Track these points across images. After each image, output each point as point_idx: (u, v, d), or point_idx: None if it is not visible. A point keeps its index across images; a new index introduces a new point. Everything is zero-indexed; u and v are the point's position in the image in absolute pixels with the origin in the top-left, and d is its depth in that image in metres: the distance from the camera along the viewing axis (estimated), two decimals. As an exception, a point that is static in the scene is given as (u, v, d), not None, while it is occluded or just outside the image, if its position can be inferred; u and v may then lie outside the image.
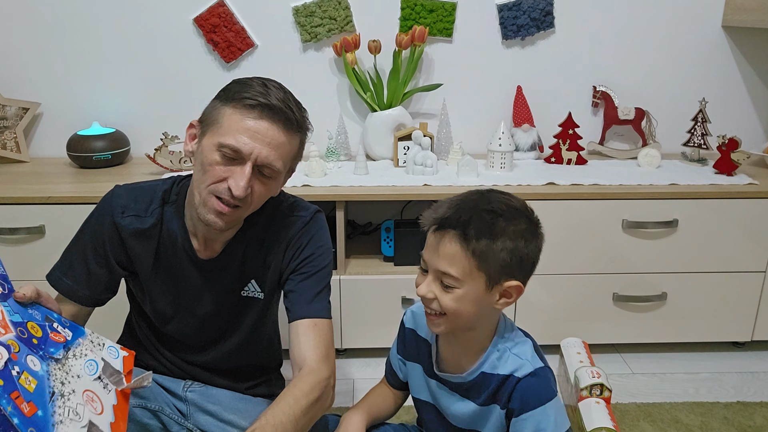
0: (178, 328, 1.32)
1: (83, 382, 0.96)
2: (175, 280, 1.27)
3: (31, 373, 0.87)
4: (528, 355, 1.11)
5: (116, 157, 2.08)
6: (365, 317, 1.93)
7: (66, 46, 2.14)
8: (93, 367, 0.99)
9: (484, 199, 1.07)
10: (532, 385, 1.08)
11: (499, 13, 2.18)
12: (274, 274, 1.28)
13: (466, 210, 1.04)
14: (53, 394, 0.88)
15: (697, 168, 2.09)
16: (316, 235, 1.27)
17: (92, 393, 0.96)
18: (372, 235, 2.25)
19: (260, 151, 1.10)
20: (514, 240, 1.03)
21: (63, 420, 0.87)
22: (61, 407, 0.88)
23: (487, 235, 1.02)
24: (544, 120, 2.22)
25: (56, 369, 0.92)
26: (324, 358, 1.18)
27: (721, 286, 1.96)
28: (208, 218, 1.15)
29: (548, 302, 1.96)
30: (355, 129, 2.27)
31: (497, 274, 1.04)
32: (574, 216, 1.88)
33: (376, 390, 1.33)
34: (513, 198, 1.09)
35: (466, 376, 1.14)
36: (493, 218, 1.03)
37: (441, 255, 1.04)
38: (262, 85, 1.12)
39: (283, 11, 2.14)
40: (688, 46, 2.24)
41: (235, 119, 1.11)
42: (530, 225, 1.06)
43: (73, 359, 0.97)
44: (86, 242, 1.25)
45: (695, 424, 1.71)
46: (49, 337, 0.96)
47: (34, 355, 0.90)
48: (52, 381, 0.90)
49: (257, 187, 1.14)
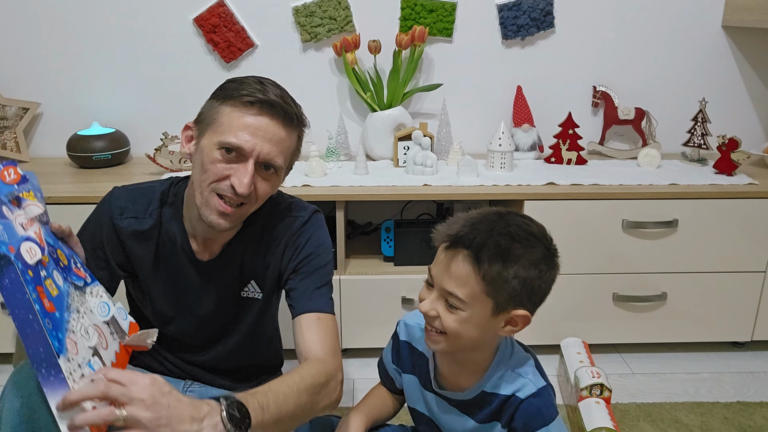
0: (179, 329, 1.32)
1: (94, 317, 0.99)
2: (174, 281, 1.27)
3: (55, 283, 0.91)
4: (530, 375, 1.09)
5: (116, 157, 2.08)
6: (365, 317, 1.93)
7: (66, 46, 2.14)
8: (105, 310, 1.02)
9: (502, 221, 1.02)
10: (535, 406, 1.06)
11: (499, 13, 2.18)
12: (273, 274, 1.28)
13: (482, 231, 0.99)
14: (69, 306, 0.92)
15: (697, 168, 2.09)
16: (314, 234, 1.27)
17: (100, 329, 0.99)
18: (372, 235, 2.25)
19: (262, 147, 1.10)
20: (528, 269, 0.98)
21: (75, 331, 0.90)
22: (75, 320, 0.91)
23: (501, 260, 0.97)
24: (544, 120, 2.22)
25: (75, 294, 0.96)
26: (331, 352, 1.15)
27: (721, 286, 1.96)
28: (211, 219, 1.14)
29: (548, 302, 1.94)
30: (355, 129, 2.27)
31: (505, 302, 1.00)
32: (574, 216, 1.88)
33: (375, 392, 1.32)
34: (533, 223, 1.04)
35: (467, 395, 1.12)
36: (509, 243, 0.98)
37: (450, 274, 1.00)
38: (258, 83, 1.12)
39: (283, 11, 2.14)
40: (688, 46, 2.24)
41: (234, 117, 1.10)
42: (547, 254, 1.02)
43: (89, 295, 1.01)
44: (86, 244, 1.24)
45: (695, 424, 1.71)
46: (73, 269, 1.00)
47: (59, 273, 0.94)
48: (70, 299, 0.93)
49: (260, 184, 1.14)
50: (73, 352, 0.86)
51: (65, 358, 0.84)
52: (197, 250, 1.26)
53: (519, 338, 1.98)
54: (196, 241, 1.25)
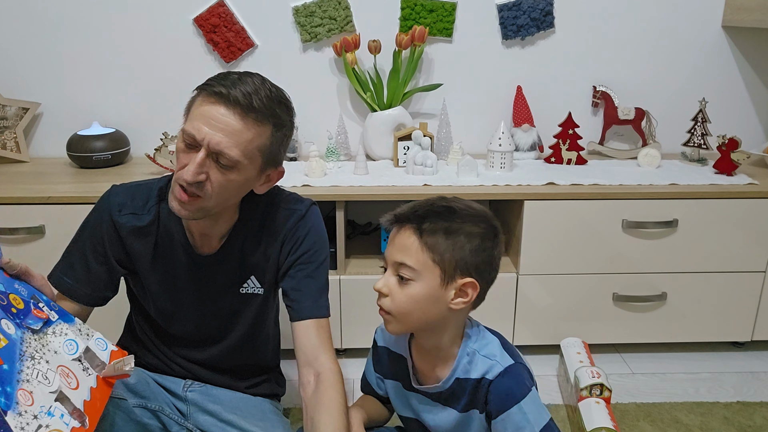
0: (181, 325, 1.32)
1: (60, 357, 0.96)
2: (173, 277, 1.28)
3: (3, 333, 0.87)
4: (497, 355, 1.10)
5: (116, 157, 2.08)
6: (365, 317, 1.93)
7: (66, 46, 2.14)
8: (72, 347, 0.99)
9: (444, 200, 1.10)
10: (505, 384, 1.07)
11: (499, 13, 2.18)
12: (273, 267, 1.29)
13: (424, 206, 1.08)
14: (23, 354, 0.88)
15: (697, 168, 2.09)
16: (312, 227, 1.28)
17: (68, 369, 0.95)
18: (372, 235, 2.25)
19: (212, 137, 1.08)
20: (470, 238, 1.04)
21: (30, 379, 0.87)
22: (30, 368, 0.88)
23: (443, 229, 1.04)
24: (544, 120, 2.22)
25: (31, 338, 0.92)
26: (334, 356, 1.24)
27: (721, 286, 1.95)
28: (172, 206, 1.15)
29: (548, 302, 1.96)
30: (355, 129, 2.27)
31: (452, 269, 1.04)
32: (574, 216, 1.88)
33: (365, 397, 1.34)
34: (476, 204, 1.10)
35: (443, 385, 1.13)
36: (449, 215, 1.05)
37: (398, 247, 1.06)
38: (236, 77, 1.12)
39: (283, 11, 2.14)
40: (688, 46, 2.24)
41: (197, 106, 1.12)
42: (489, 228, 1.07)
43: (52, 335, 0.98)
44: (85, 242, 1.26)
45: (695, 424, 1.71)
46: (31, 311, 0.96)
47: (10, 321, 0.90)
48: (24, 346, 0.90)
49: (215, 176, 1.12)
50: (26, 403, 0.84)
51: (14, 413, 0.81)
52: (195, 244, 1.26)
53: (520, 337, 1.99)
54: (194, 235, 1.26)
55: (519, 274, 1.92)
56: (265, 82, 1.14)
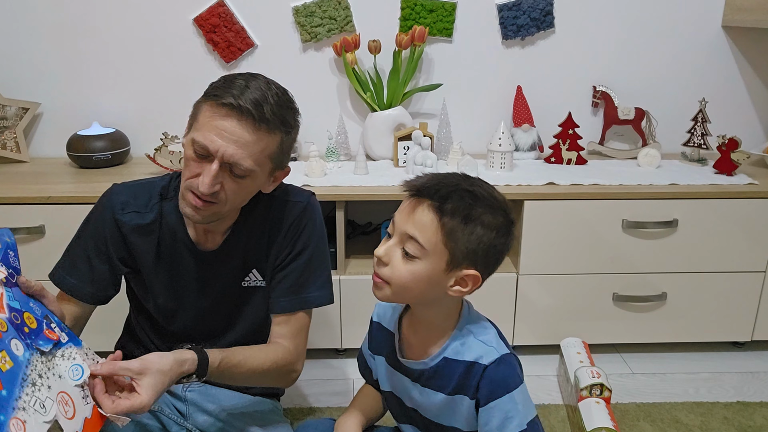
0: (182, 323, 1.33)
1: (63, 383, 0.95)
2: (176, 274, 1.29)
3: (11, 355, 0.86)
4: (493, 342, 1.08)
5: (116, 157, 2.08)
6: (365, 317, 1.91)
7: (66, 46, 2.14)
8: (78, 372, 0.98)
9: (467, 181, 1.05)
10: (499, 372, 1.06)
11: (499, 13, 2.18)
12: (273, 258, 1.31)
13: (447, 185, 1.02)
14: (25, 380, 0.87)
15: (697, 168, 2.09)
16: (311, 220, 1.31)
17: (68, 396, 0.94)
18: (372, 235, 2.25)
19: (226, 149, 1.10)
20: (487, 230, 1.01)
21: (26, 407, 0.86)
22: (29, 395, 0.87)
23: (463, 214, 1.00)
24: (544, 120, 2.22)
25: (39, 361, 0.92)
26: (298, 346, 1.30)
27: (721, 286, 1.95)
28: (185, 211, 1.17)
29: (548, 302, 1.96)
30: (355, 129, 2.27)
31: (461, 257, 1.01)
32: (574, 216, 1.88)
33: (363, 390, 1.32)
34: (496, 191, 1.07)
35: (428, 362, 1.11)
36: (472, 201, 1.01)
37: (413, 220, 1.01)
38: (243, 84, 1.12)
39: (283, 11, 2.14)
40: (688, 46, 2.24)
41: (207, 116, 1.12)
42: (505, 222, 1.04)
43: (60, 358, 0.97)
44: (88, 240, 1.26)
45: (695, 424, 1.71)
46: (43, 331, 0.96)
47: (20, 341, 0.89)
48: (29, 369, 0.89)
49: (229, 185, 1.14)
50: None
51: None
52: (198, 240, 1.27)
53: (520, 337, 1.99)
54: (197, 232, 1.27)
55: (519, 274, 1.92)
56: (270, 85, 1.15)
